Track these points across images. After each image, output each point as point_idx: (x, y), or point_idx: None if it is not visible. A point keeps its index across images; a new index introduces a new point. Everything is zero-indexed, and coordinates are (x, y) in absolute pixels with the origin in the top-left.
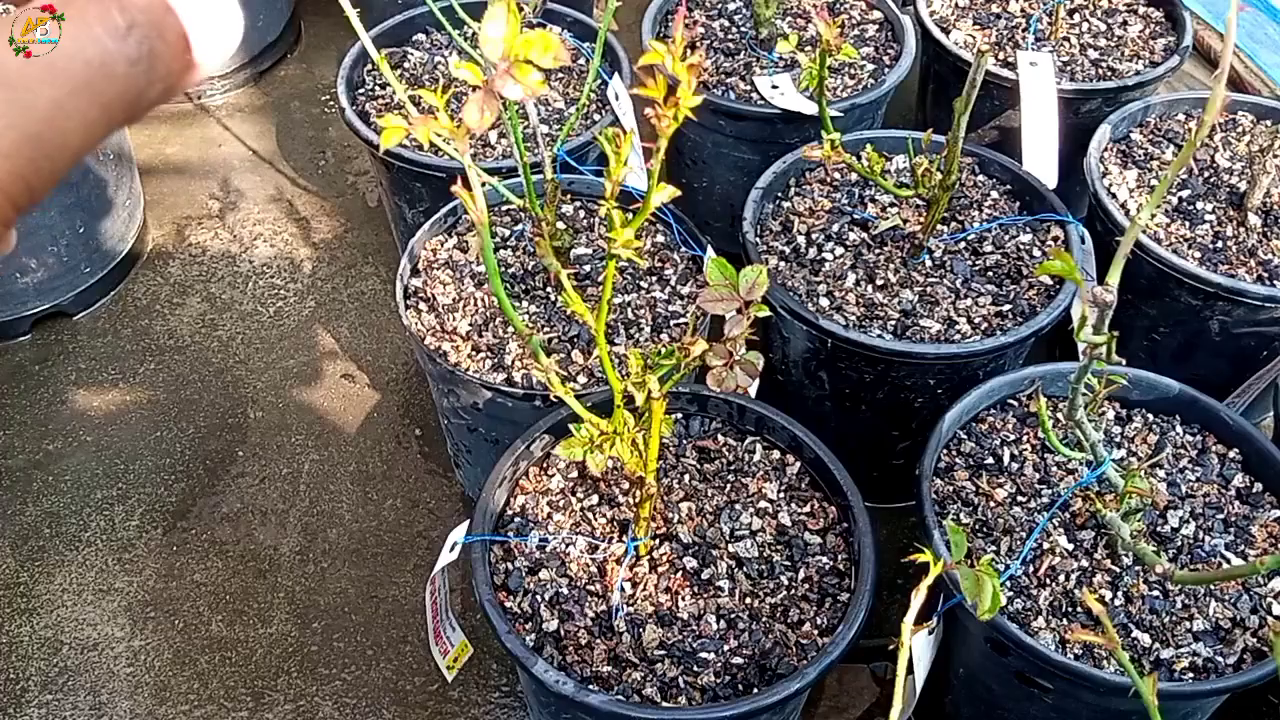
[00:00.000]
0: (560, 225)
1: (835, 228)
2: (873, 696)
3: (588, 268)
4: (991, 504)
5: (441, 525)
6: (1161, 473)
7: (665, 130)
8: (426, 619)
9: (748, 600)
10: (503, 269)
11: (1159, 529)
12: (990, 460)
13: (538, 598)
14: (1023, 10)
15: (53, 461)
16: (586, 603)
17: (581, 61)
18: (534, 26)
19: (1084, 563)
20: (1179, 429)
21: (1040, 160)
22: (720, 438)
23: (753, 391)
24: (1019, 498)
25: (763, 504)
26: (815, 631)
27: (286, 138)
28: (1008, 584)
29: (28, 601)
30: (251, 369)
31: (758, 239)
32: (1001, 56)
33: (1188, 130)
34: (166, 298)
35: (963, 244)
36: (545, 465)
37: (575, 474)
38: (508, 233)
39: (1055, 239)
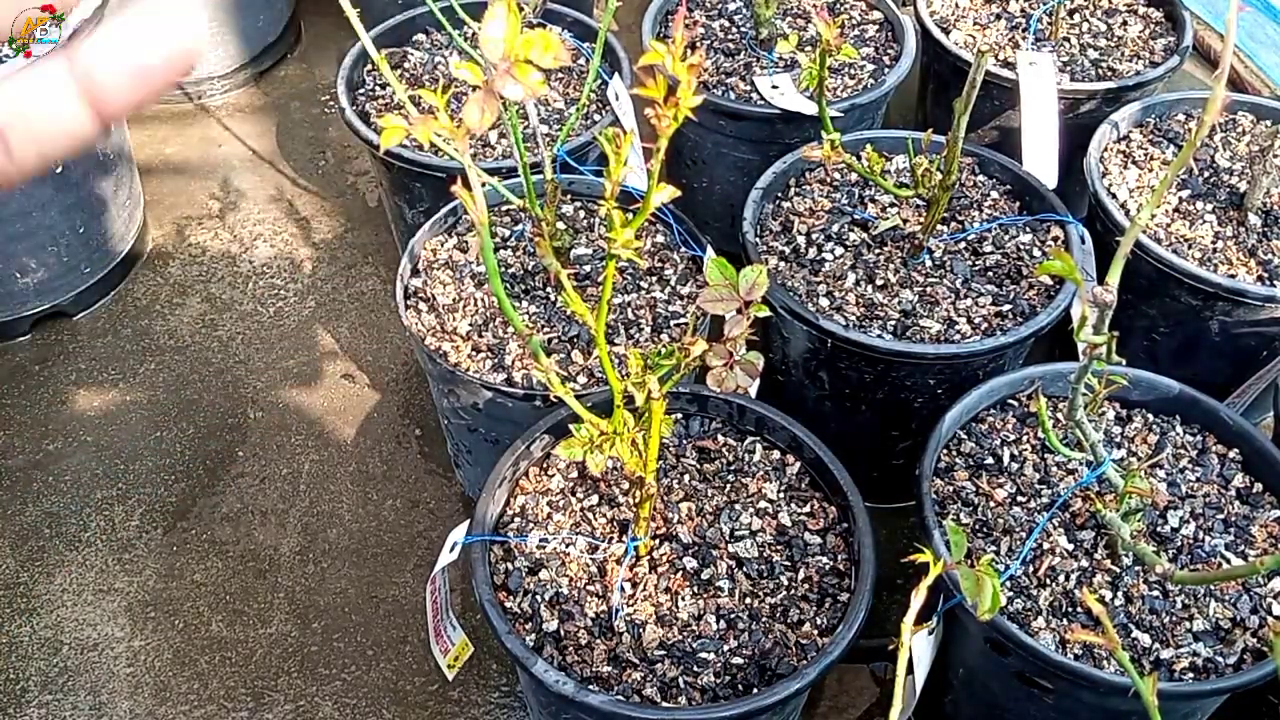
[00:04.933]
0: (560, 225)
1: (835, 228)
2: (873, 696)
3: (588, 268)
4: (991, 504)
5: (441, 525)
6: (1161, 473)
7: (665, 130)
8: (427, 618)
9: (748, 600)
10: (503, 269)
11: (1159, 529)
12: (990, 460)
13: (538, 598)
14: (1023, 10)
15: (53, 461)
16: (586, 603)
17: (581, 61)
18: (534, 26)
19: (1084, 563)
20: (1179, 429)
21: (1040, 160)
22: (720, 438)
23: (753, 391)
24: (1019, 498)
25: (763, 504)
26: (815, 631)
27: (286, 138)
28: (1008, 584)
29: (28, 601)
30: (251, 369)
31: (758, 239)
32: (1001, 56)
33: (1188, 130)
34: (166, 298)
35: (963, 244)
36: (545, 465)
37: (575, 474)
38: (508, 233)
39: (1055, 239)
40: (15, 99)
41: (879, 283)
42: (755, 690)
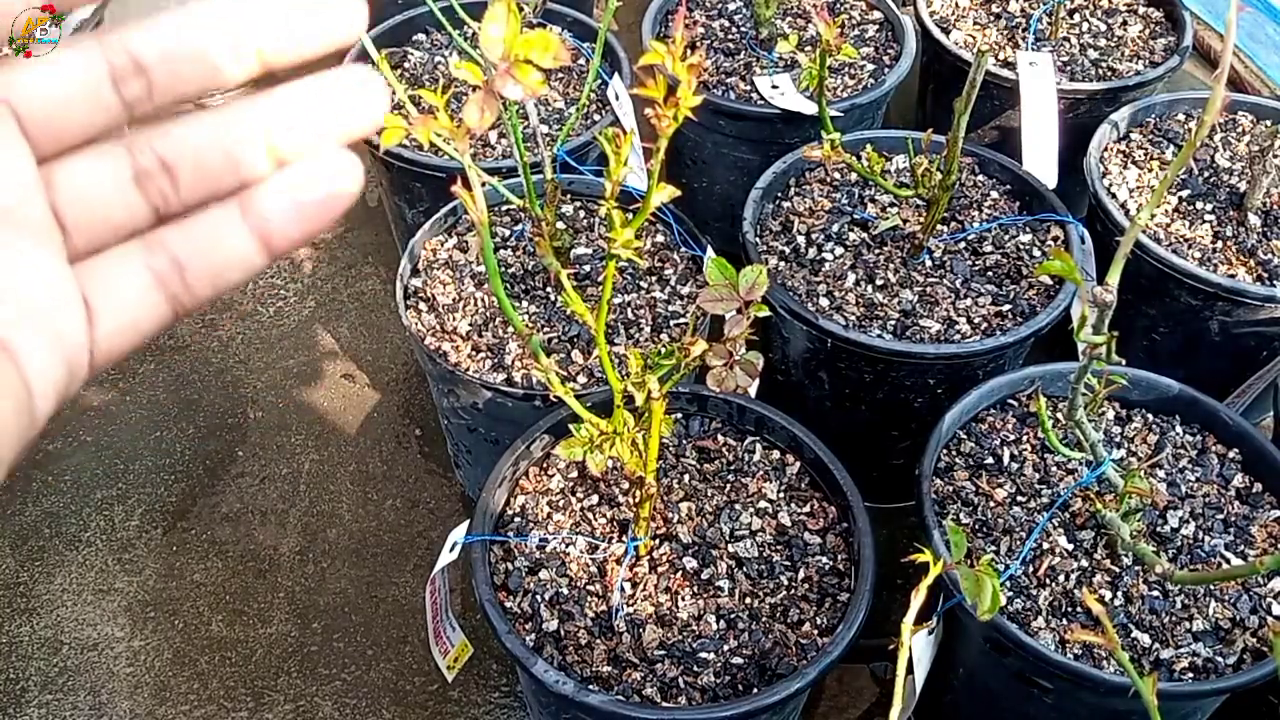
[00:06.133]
0: (560, 225)
1: (835, 228)
2: (873, 696)
3: (588, 268)
4: (991, 504)
5: (441, 525)
6: (1161, 473)
7: (665, 130)
8: (426, 619)
9: (748, 600)
10: (503, 269)
11: (1159, 529)
12: (990, 460)
13: (538, 598)
14: (1023, 10)
15: (53, 461)
16: (586, 603)
17: (581, 61)
18: (534, 26)
19: (1084, 563)
20: (1179, 429)
21: (1040, 160)
22: (720, 438)
23: (753, 391)
24: (1019, 498)
25: (763, 504)
26: (815, 631)
27: None
28: (1008, 584)
29: (28, 601)
30: (251, 369)
31: (758, 239)
32: (1001, 56)
33: (1188, 130)
34: None
35: (963, 244)
36: (545, 465)
37: (575, 474)
38: (508, 233)
39: (1055, 239)
40: (193, 236)
41: (879, 283)
42: (755, 690)
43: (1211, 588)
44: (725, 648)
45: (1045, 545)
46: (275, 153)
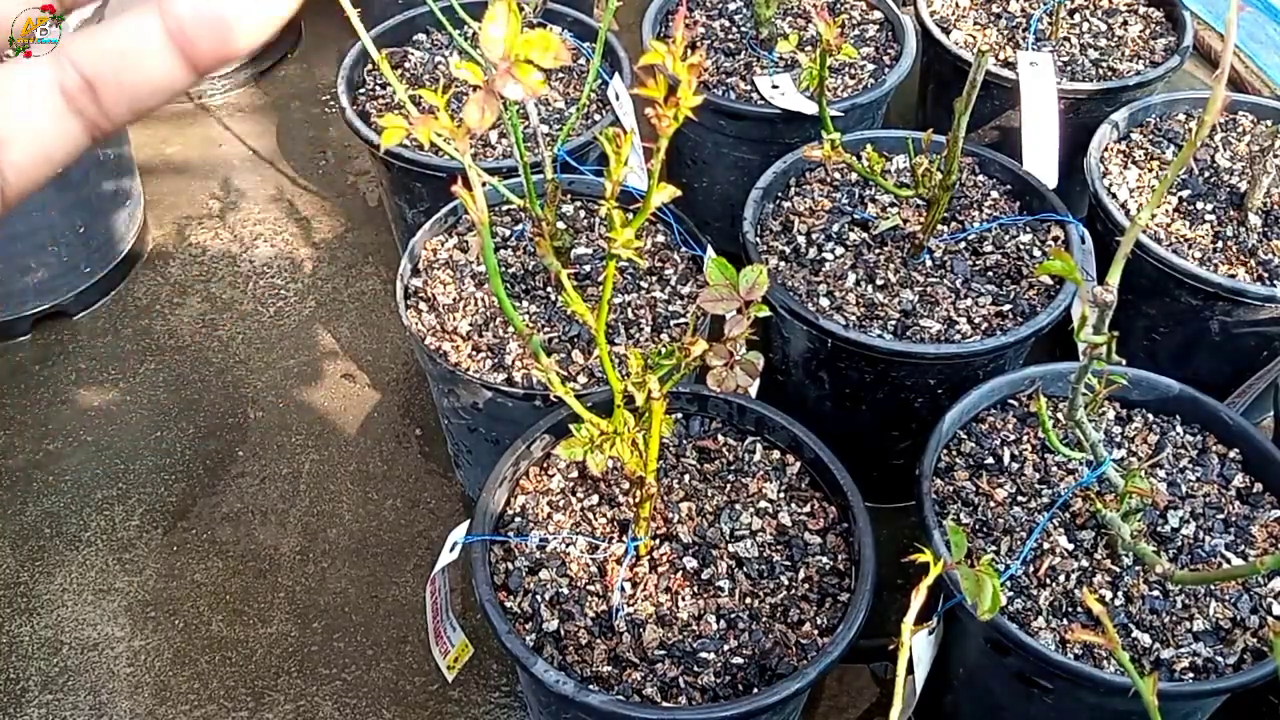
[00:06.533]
0: (560, 225)
1: (835, 228)
2: (873, 696)
3: (588, 268)
4: (991, 504)
5: (441, 525)
6: (1161, 473)
7: (665, 130)
8: (427, 619)
9: (748, 600)
10: (503, 269)
11: (1159, 529)
12: (990, 460)
13: (538, 598)
14: (1023, 10)
15: (53, 461)
16: (586, 603)
17: (582, 61)
18: (534, 26)
19: (1084, 563)
20: (1179, 429)
21: (1040, 160)
22: (720, 438)
23: (753, 391)
24: (1019, 498)
25: (763, 504)
26: (815, 631)
27: (287, 138)
28: (1008, 584)
29: (28, 601)
30: (251, 369)
31: (758, 239)
32: (1002, 56)
33: (1188, 130)
34: (166, 298)
35: (963, 244)
36: (545, 465)
37: (575, 474)
38: (508, 233)
39: (1055, 239)
40: (105, 50)
41: (879, 282)
42: (755, 690)
43: (1212, 587)
44: (725, 648)
45: (1045, 545)
46: None
